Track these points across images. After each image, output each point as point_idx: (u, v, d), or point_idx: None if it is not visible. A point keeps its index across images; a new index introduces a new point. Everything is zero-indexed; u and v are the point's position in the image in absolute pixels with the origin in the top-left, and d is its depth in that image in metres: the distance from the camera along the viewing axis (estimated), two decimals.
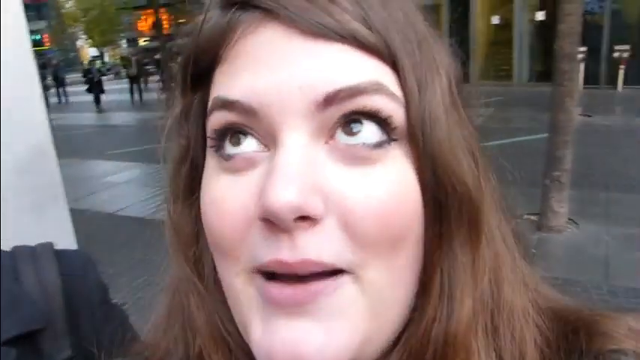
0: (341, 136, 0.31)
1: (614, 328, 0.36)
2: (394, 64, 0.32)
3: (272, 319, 0.31)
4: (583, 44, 5.64)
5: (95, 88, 17.06)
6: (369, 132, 0.31)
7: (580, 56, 5.22)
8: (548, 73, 4.61)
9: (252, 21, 0.32)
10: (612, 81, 10.94)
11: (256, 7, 0.32)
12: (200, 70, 0.35)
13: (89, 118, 15.17)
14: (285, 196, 0.28)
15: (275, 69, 0.31)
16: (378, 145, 0.31)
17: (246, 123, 0.32)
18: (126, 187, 7.13)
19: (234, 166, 0.32)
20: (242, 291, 0.32)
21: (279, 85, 0.30)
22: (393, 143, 0.31)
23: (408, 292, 0.33)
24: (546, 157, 4.22)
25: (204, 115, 0.35)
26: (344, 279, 0.30)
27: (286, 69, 0.31)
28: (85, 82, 17.73)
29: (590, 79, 11.02)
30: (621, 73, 10.68)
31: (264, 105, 0.31)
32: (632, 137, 7.07)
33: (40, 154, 2.04)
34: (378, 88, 0.31)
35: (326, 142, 0.31)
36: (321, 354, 0.29)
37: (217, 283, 0.36)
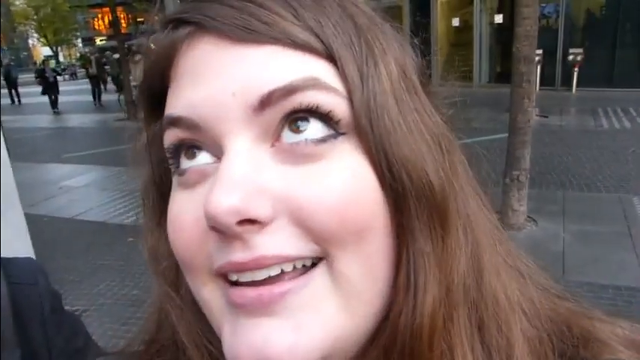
0: (287, 135, 0.31)
1: (611, 336, 0.36)
2: (331, 58, 0.31)
3: (237, 322, 0.30)
4: (539, 47, 5.83)
5: (50, 89, 16.36)
6: (313, 129, 0.31)
7: (537, 59, 5.40)
8: (507, 74, 4.75)
9: (186, 37, 0.33)
10: (567, 83, 11.36)
11: (188, 23, 0.33)
12: (154, 96, 0.36)
13: (44, 120, 14.64)
14: (226, 201, 0.28)
15: (210, 80, 0.31)
16: (323, 140, 0.30)
17: (194, 137, 0.32)
18: (84, 190, 6.92)
19: (188, 181, 0.33)
20: (211, 299, 0.32)
21: (215, 96, 0.31)
22: (340, 137, 0.31)
23: (382, 285, 0.32)
24: (506, 156, 4.35)
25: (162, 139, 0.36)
26: (315, 272, 0.30)
27: (220, 78, 0.31)
28: (39, 83, 16.97)
29: (547, 80, 11.44)
30: (575, 75, 11.11)
31: (203, 117, 0.31)
32: (586, 137, 7.38)
33: None
34: (313, 84, 0.30)
35: (272, 145, 0.31)
36: (291, 353, 0.29)
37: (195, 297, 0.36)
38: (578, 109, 9.58)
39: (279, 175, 0.30)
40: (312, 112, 0.30)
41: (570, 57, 11.02)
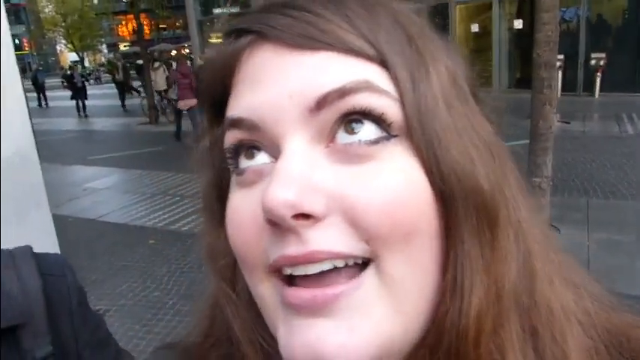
0: (341, 136, 0.32)
1: None
2: (384, 63, 0.33)
3: (292, 321, 0.31)
4: (560, 52, 5.76)
5: (78, 94, 16.66)
6: (367, 130, 0.32)
7: (558, 64, 5.33)
8: (527, 80, 4.70)
9: (247, 46, 0.35)
10: (589, 88, 11.18)
11: (249, 32, 0.35)
12: (216, 102, 0.38)
13: (70, 122, 14.94)
14: (282, 195, 0.29)
15: (269, 84, 0.33)
16: (375, 141, 0.32)
17: (253, 137, 0.34)
18: (107, 192, 7.04)
19: (246, 180, 0.34)
20: (267, 296, 0.34)
21: (273, 98, 0.33)
22: (393, 140, 0.32)
23: (430, 286, 0.32)
24: (527, 163, 4.29)
25: None
26: (366, 274, 0.31)
27: (278, 82, 0.33)
28: (68, 88, 17.22)
29: (568, 86, 11.27)
30: (598, 80, 10.92)
31: (262, 118, 0.33)
32: (609, 143, 7.24)
33: (22, 160, 2.01)
34: (366, 86, 0.32)
35: (326, 146, 0.32)
36: (344, 352, 0.30)
37: (250, 293, 0.37)
38: (602, 115, 9.41)
39: (333, 174, 0.31)
40: (365, 115, 0.32)
41: (593, 62, 10.85)
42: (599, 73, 10.85)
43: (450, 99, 0.33)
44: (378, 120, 0.32)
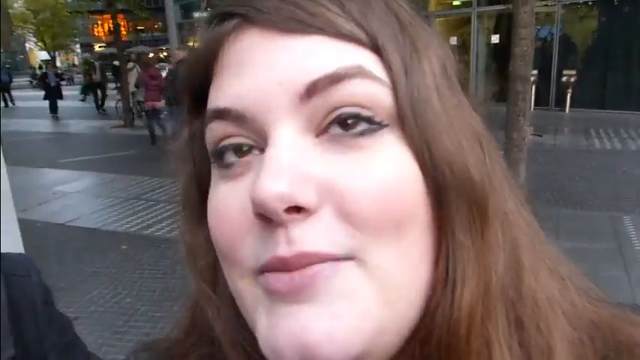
0: (333, 129, 0.31)
1: None
2: (376, 49, 0.32)
3: (275, 311, 0.30)
4: (535, 67, 5.93)
5: (52, 94, 16.13)
6: (359, 122, 0.31)
7: (532, 78, 5.48)
8: (503, 93, 4.82)
9: (232, 30, 0.33)
10: (561, 103, 11.51)
11: (233, 16, 0.33)
12: (197, 91, 0.36)
13: (40, 124, 14.56)
14: (275, 187, 0.28)
15: (257, 71, 0.31)
16: (366, 132, 0.31)
17: (239, 130, 0.32)
18: (78, 196, 6.88)
19: (231, 173, 0.33)
20: (247, 292, 0.32)
21: (261, 85, 0.31)
22: (384, 129, 0.31)
23: (421, 277, 0.31)
24: None
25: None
26: (345, 263, 0.29)
27: (266, 68, 0.31)
28: (42, 88, 16.72)
29: (541, 100, 11.58)
30: (569, 96, 11.25)
31: (249, 107, 0.31)
32: (578, 157, 7.45)
33: None
34: (359, 72, 0.31)
35: (316, 136, 0.31)
36: (329, 339, 0.28)
37: (232, 295, 0.36)
38: (572, 129, 9.68)
39: (324, 163, 0.30)
40: (356, 112, 0.31)
41: (564, 78, 11.20)
42: (569, 90, 11.18)
43: (441, 88, 0.33)
44: (369, 117, 0.31)
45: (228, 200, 0.32)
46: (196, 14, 20.32)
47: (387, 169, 0.30)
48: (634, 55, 11.10)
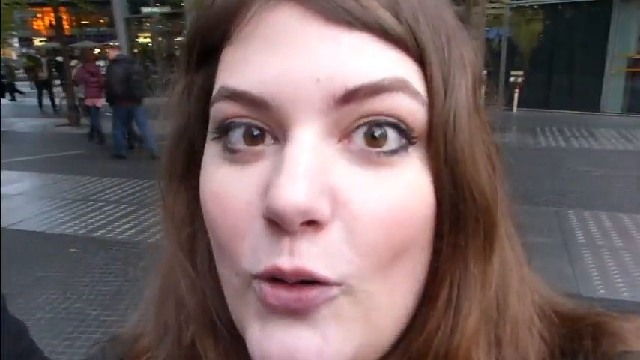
0: (359, 138, 0.28)
1: (624, 329, 0.35)
2: (420, 59, 0.29)
3: (269, 322, 0.29)
4: (483, 68, 6.16)
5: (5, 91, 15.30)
6: (388, 137, 0.29)
7: None
8: None
9: None
10: (509, 103, 11.98)
11: None
12: (207, 48, 0.32)
13: None
14: (293, 197, 0.26)
15: (289, 55, 0.28)
16: (395, 151, 0.29)
17: (254, 115, 0.29)
18: (20, 199, 6.53)
19: (238, 158, 0.30)
20: (240, 290, 0.30)
21: (293, 75, 0.27)
22: (412, 147, 0.29)
23: (407, 299, 0.31)
24: None
25: (206, 94, 0.32)
26: (336, 289, 0.28)
27: (302, 56, 0.28)
28: None
29: (489, 100, 12.03)
30: (516, 96, 11.74)
31: (276, 97, 0.28)
32: (526, 154, 7.77)
33: None
34: (402, 86, 0.28)
35: (339, 141, 0.29)
36: (319, 358, 0.28)
37: (211, 270, 0.33)
38: (519, 128, 10.08)
39: (344, 174, 0.28)
40: (391, 124, 0.28)
41: (512, 78, 11.68)
42: (517, 90, 11.67)
43: (470, 110, 0.31)
44: (403, 130, 0.29)
45: (232, 188, 0.29)
46: (145, 9, 19.70)
47: (406, 195, 0.28)
48: (577, 57, 11.75)
